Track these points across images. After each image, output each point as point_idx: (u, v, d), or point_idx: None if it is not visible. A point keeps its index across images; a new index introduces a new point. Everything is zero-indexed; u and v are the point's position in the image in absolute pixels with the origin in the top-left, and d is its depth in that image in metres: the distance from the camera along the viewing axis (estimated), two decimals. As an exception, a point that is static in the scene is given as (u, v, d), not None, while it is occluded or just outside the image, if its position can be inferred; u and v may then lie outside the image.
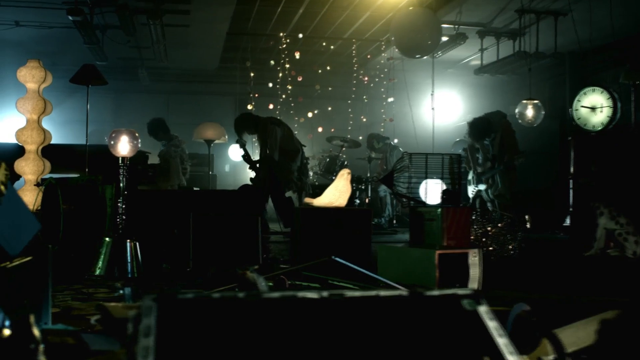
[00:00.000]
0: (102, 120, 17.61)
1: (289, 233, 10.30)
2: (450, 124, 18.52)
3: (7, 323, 1.80)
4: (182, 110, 19.07)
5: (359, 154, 15.32)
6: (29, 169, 9.56)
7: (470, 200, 11.39)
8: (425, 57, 13.20)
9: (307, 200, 7.80)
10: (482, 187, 11.20)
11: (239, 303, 1.50)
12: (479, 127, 11.10)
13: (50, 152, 10.01)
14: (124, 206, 6.63)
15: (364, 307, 1.56)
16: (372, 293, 1.60)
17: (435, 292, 1.64)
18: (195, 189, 12.28)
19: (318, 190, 12.63)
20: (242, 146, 10.85)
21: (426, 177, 7.08)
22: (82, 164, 9.25)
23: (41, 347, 1.71)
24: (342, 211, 7.27)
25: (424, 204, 6.97)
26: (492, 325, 1.54)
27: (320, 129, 17.23)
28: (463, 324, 1.57)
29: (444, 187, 7.06)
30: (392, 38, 11.95)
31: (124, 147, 6.63)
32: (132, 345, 1.35)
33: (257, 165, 10.70)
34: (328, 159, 13.83)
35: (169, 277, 6.26)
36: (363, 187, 13.79)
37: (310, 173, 14.21)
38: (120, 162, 6.65)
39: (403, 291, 1.63)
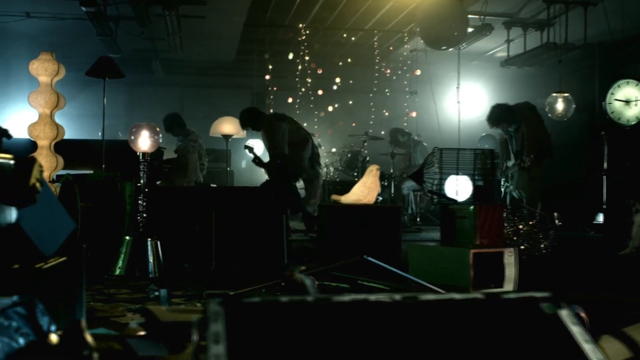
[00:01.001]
0: (114, 114, 17.51)
1: (309, 231, 10.30)
2: (475, 118, 18.35)
3: (53, 328, 1.76)
4: (197, 104, 19.01)
5: (382, 149, 15.23)
6: (42, 165, 9.52)
7: (501, 196, 11.26)
8: (450, 49, 13.13)
9: (334, 197, 7.75)
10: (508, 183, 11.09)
11: (308, 307, 1.45)
12: (493, 112, 10.96)
13: (63, 147, 9.94)
14: (144, 203, 6.59)
15: (437, 311, 1.52)
16: (447, 296, 1.55)
17: (512, 295, 1.59)
18: (212, 185, 12.26)
19: (339, 187, 12.60)
20: (251, 150, 10.91)
21: (457, 173, 7.03)
22: (97, 159, 9.22)
23: (95, 354, 1.67)
24: (371, 209, 7.21)
25: (455, 201, 6.92)
26: (576, 330, 1.49)
27: (341, 123, 17.18)
28: (543, 328, 1.52)
29: (476, 184, 7.01)
30: (418, 29, 11.90)
31: (144, 142, 6.59)
32: (199, 352, 1.31)
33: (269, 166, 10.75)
34: (349, 155, 13.78)
35: (192, 277, 6.23)
36: (386, 183, 13.69)
37: (332, 169, 14.18)
38: (140, 157, 6.61)
39: (478, 294, 1.58)
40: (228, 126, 12.84)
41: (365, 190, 7.26)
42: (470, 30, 13.47)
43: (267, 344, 1.35)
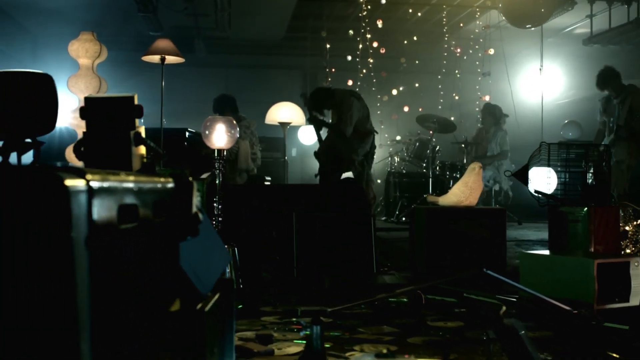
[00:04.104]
0: (152, 99, 17.36)
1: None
2: (551, 102, 18.02)
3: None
4: (242, 85, 18.68)
5: (453, 137, 15.06)
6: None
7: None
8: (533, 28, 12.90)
9: (431, 198, 7.59)
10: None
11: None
12: (602, 73, 10.90)
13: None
14: (220, 206, 6.41)
15: None
16: None
17: None
18: (267, 178, 12.08)
19: (406, 179, 12.40)
20: (313, 121, 10.65)
21: (567, 171, 6.85)
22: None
23: None
24: (474, 211, 7.02)
25: (566, 202, 6.73)
26: None
27: (406, 109, 16.92)
28: None
29: (590, 183, 6.83)
30: (500, 5, 11.66)
31: (220, 137, 6.40)
32: None
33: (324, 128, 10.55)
34: (418, 144, 13.50)
35: (274, 288, 6.06)
36: (458, 175, 13.41)
37: (397, 159, 13.92)
38: (215, 154, 6.43)
39: None
40: (287, 113, 12.65)
41: (467, 190, 7.08)
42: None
43: None
